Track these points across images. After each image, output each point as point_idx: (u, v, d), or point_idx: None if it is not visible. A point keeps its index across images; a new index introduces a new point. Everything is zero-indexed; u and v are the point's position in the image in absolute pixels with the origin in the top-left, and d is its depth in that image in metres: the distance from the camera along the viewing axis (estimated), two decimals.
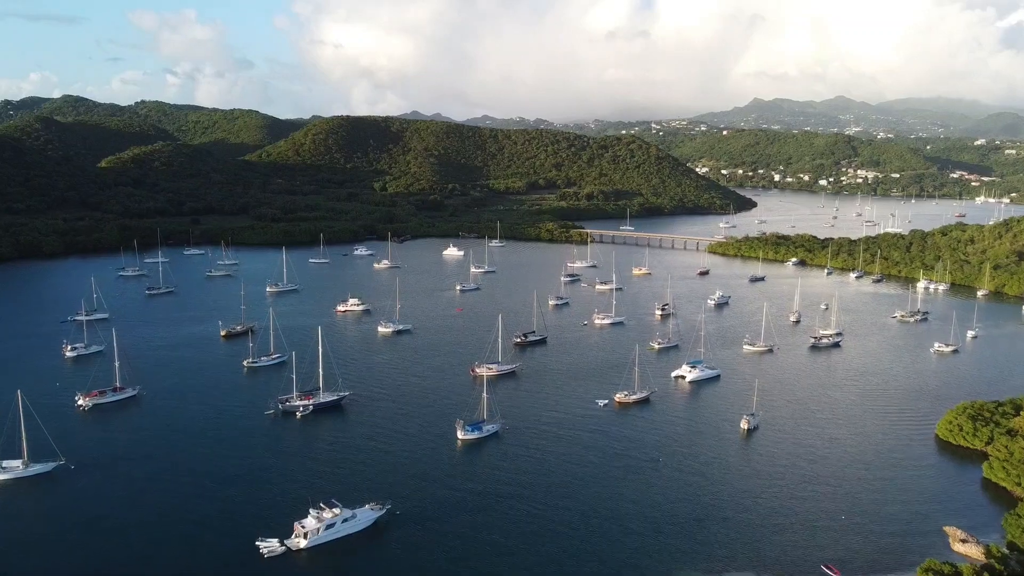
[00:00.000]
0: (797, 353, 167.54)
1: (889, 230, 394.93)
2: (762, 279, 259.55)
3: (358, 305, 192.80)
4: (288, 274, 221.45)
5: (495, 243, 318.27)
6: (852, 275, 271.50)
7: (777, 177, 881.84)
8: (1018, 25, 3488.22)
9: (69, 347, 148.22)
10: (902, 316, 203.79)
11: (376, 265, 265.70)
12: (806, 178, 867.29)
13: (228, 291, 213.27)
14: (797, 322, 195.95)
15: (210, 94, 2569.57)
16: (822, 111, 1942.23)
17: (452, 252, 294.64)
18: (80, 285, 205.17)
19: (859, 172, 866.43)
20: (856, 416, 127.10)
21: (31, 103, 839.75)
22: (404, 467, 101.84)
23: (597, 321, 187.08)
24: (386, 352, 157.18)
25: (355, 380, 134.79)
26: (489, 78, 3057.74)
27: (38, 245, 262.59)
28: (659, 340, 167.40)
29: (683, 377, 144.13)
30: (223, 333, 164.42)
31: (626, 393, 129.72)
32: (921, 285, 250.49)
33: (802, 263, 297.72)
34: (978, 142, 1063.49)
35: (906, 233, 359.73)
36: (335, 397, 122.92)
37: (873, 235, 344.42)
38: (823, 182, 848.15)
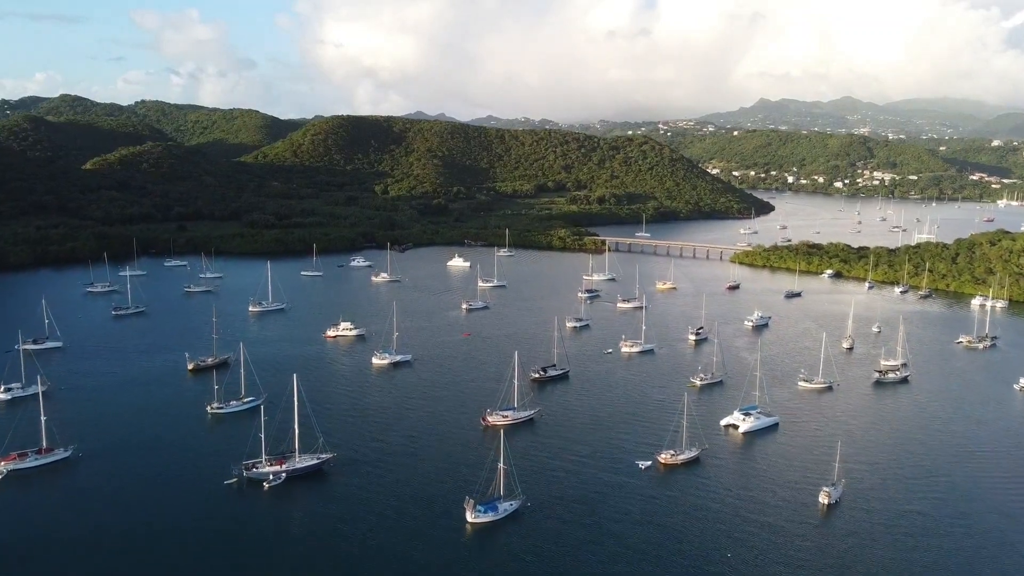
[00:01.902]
0: (860, 391, 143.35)
1: (922, 237, 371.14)
2: (798, 295, 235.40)
3: (351, 329, 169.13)
4: (274, 291, 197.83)
5: (503, 252, 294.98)
6: (896, 290, 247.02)
7: (790, 179, 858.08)
8: (1023, 25, 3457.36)
9: (2, 388, 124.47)
10: (968, 342, 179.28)
11: (374, 278, 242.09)
12: (821, 180, 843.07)
13: (207, 310, 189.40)
14: (850, 349, 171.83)
15: (213, 94, 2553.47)
16: (829, 111, 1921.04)
17: (457, 263, 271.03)
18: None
19: (875, 174, 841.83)
20: (956, 483, 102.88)
21: (30, 103, 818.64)
22: (397, 568, 78.21)
23: (624, 349, 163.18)
24: (380, 391, 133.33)
25: (341, 434, 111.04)
26: (492, 78, 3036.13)
27: (3, 256, 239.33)
28: (700, 375, 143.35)
29: (735, 427, 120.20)
30: (190, 367, 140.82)
31: (672, 453, 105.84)
32: (976, 302, 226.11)
33: (838, 275, 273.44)
34: (995, 143, 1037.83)
35: (939, 240, 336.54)
36: (314, 461, 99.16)
37: (913, 244, 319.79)
38: (838, 184, 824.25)
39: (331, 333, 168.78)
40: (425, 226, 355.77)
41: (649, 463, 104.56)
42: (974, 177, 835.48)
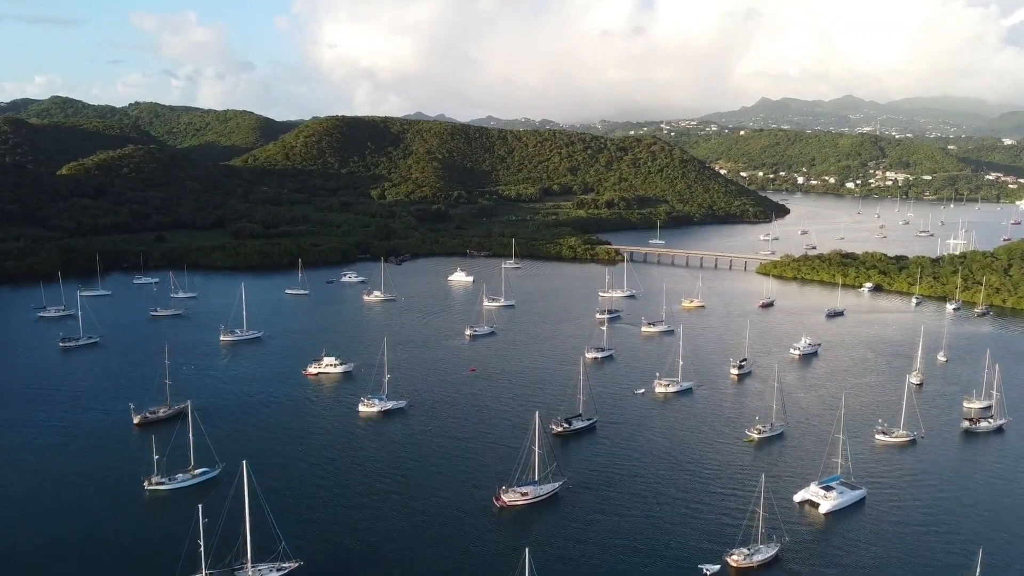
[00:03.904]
0: (950, 447, 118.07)
1: (958, 243, 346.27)
2: (841, 314, 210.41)
3: (335, 365, 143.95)
4: (251, 315, 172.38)
5: (510, 263, 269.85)
6: (948, 306, 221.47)
7: (800, 180, 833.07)
8: (1022, 23, 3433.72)
9: None
10: None
11: (366, 297, 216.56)
12: (832, 180, 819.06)
13: (173, 340, 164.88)
14: (920, 385, 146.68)
15: (212, 96, 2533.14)
16: (831, 110, 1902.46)
17: (459, 277, 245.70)
18: None
19: (888, 174, 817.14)
20: None
21: (21, 105, 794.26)
22: None
23: (659, 389, 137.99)
24: (366, 455, 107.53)
25: (311, 526, 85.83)
26: (491, 79, 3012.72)
27: None
28: (758, 427, 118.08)
29: (814, 504, 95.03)
30: (136, 420, 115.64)
31: (746, 552, 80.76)
32: None
33: (878, 288, 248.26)
34: (1007, 142, 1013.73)
35: (976, 247, 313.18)
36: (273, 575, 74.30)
37: (957, 253, 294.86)
38: (850, 185, 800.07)
39: (312, 370, 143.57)
40: (424, 234, 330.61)
41: (717, 568, 79.51)
42: (990, 177, 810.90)
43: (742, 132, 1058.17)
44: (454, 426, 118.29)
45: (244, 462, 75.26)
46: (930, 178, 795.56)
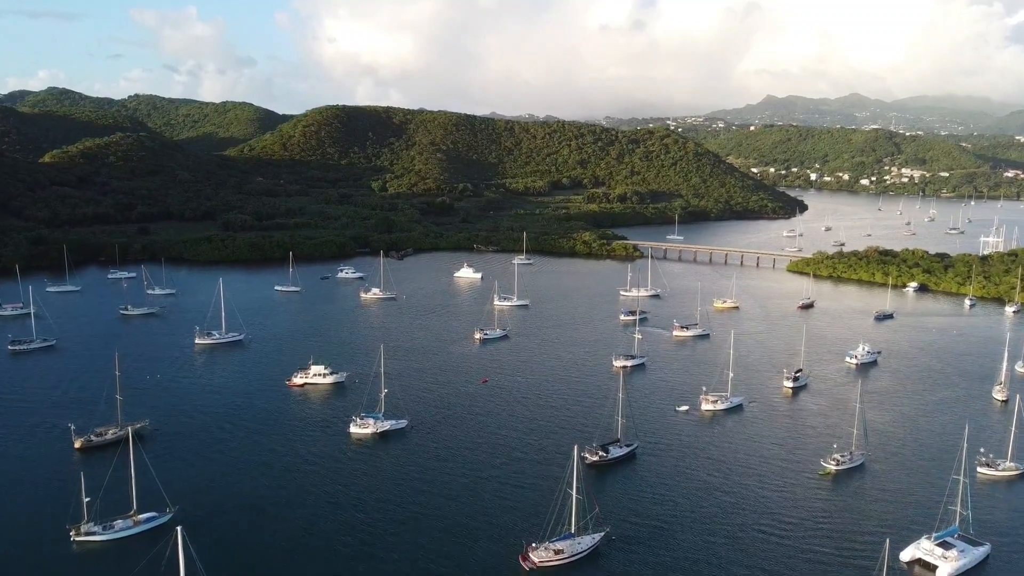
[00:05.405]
0: None
1: (996, 240, 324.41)
2: (891, 316, 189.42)
3: (324, 375, 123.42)
4: (233, 315, 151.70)
5: (520, 259, 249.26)
6: (1007, 309, 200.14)
7: (813, 176, 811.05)
8: None
9: None
10: None
11: (364, 295, 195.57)
12: (846, 177, 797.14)
13: (145, 342, 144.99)
14: (1005, 402, 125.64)
15: (213, 91, 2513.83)
16: (837, 108, 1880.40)
17: (466, 274, 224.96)
18: None
19: (903, 170, 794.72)
20: None
21: (17, 96, 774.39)
22: None
23: (705, 407, 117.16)
24: (358, 492, 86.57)
25: None
26: (492, 76, 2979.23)
27: None
28: (836, 456, 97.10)
29: (930, 567, 74.18)
30: (78, 444, 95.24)
31: None
32: None
33: (923, 288, 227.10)
34: (1023, 139, 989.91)
35: (1015, 244, 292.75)
36: None
37: (1005, 252, 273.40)
38: (865, 181, 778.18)
39: (298, 380, 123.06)
40: (428, 228, 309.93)
41: None
42: (1009, 174, 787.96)
43: (751, 128, 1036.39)
44: (465, 454, 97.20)
45: (179, 528, 54.45)
46: (947, 175, 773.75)
